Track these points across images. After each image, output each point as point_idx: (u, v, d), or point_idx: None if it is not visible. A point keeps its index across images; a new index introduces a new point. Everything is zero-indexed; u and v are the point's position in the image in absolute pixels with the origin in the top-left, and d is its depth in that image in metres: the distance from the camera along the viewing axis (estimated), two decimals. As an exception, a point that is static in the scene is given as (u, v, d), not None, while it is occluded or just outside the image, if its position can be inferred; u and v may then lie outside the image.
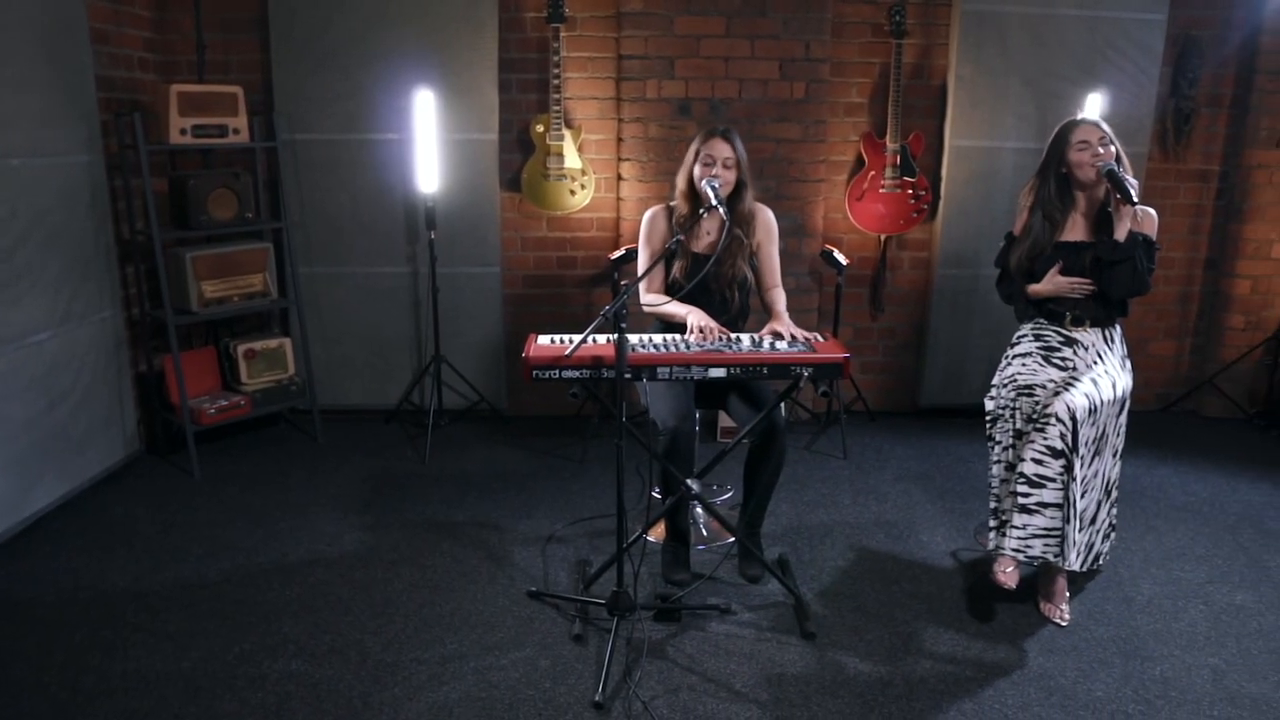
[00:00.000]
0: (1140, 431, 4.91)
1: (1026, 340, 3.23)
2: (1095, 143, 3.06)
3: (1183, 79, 4.95)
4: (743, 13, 4.49)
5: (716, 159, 3.16)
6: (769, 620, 3.04)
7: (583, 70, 4.67)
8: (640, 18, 4.49)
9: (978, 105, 4.71)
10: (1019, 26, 4.65)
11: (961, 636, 2.97)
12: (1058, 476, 2.89)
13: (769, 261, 3.36)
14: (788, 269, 4.66)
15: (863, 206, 4.74)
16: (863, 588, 3.26)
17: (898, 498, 4.04)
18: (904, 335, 5.11)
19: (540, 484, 4.13)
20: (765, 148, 4.61)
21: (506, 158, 4.73)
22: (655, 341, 3.01)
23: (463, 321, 4.84)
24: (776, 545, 3.55)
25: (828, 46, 4.60)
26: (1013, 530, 2.94)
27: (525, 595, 3.16)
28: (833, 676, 2.74)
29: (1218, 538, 3.75)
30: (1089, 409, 2.91)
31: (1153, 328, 5.32)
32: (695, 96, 4.56)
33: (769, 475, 3.18)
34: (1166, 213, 5.12)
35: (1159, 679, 2.77)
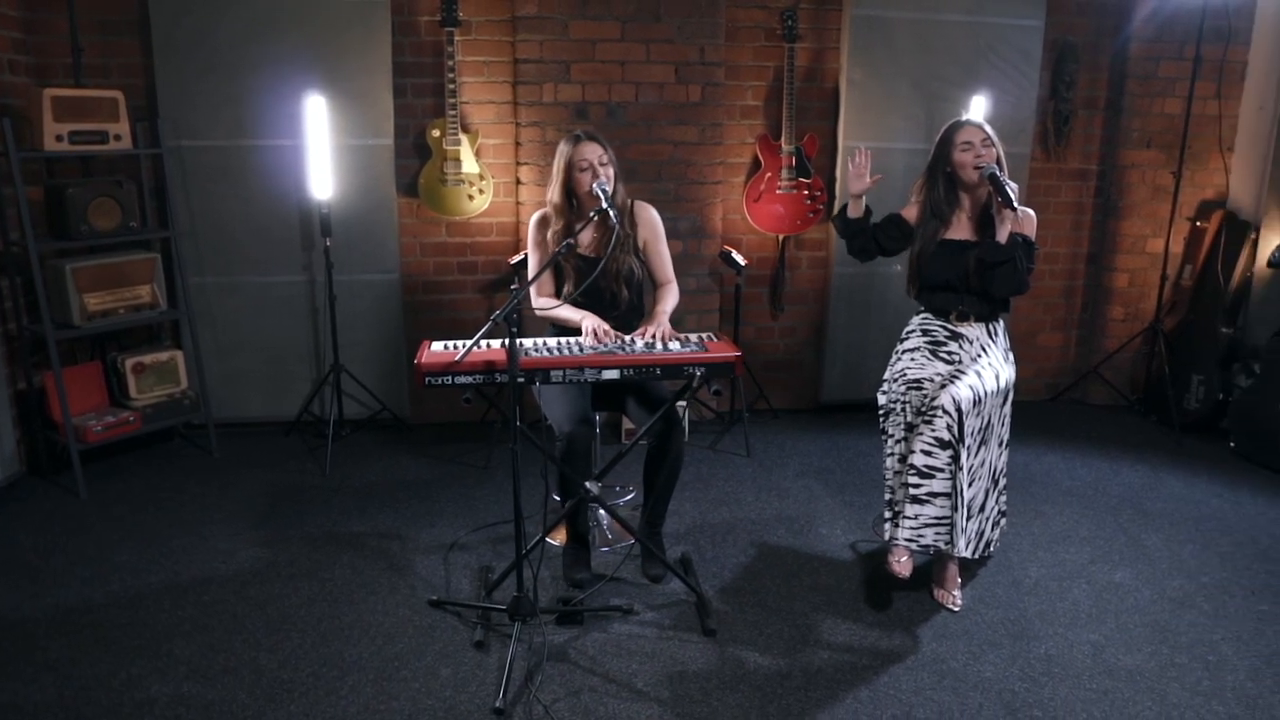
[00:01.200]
0: (1030, 420, 5.12)
1: (915, 336, 3.32)
2: (978, 144, 3.17)
3: (1060, 83, 5.17)
4: (637, 17, 4.52)
5: (593, 161, 3.17)
6: (671, 619, 3.07)
7: (479, 74, 4.64)
8: (535, 21, 4.48)
9: (869, 107, 4.83)
10: (906, 31, 4.79)
11: (858, 626, 3.04)
12: (946, 467, 2.98)
13: (658, 258, 3.39)
14: (688, 270, 4.73)
15: (760, 207, 4.82)
16: (764, 583, 3.31)
17: (799, 493, 4.12)
18: (804, 333, 5.21)
19: (444, 491, 4.09)
20: (663, 150, 4.65)
21: (403, 163, 4.67)
22: (549, 345, 3.01)
23: (362, 329, 4.76)
24: (680, 544, 3.58)
25: (722, 50, 4.67)
26: (905, 520, 3.02)
27: (427, 604, 3.13)
28: (733, 671, 2.77)
29: (1100, 520, 3.91)
30: (973, 400, 3.01)
31: (1040, 320, 5.53)
32: (592, 100, 4.57)
33: (667, 474, 3.21)
34: (1049, 210, 5.33)
35: (1043, 657, 2.88)
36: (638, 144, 4.61)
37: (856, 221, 3.35)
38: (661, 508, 3.33)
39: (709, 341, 3.04)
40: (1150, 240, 5.34)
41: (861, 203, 3.33)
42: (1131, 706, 2.65)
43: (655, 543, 3.33)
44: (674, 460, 3.18)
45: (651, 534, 3.34)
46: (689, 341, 3.04)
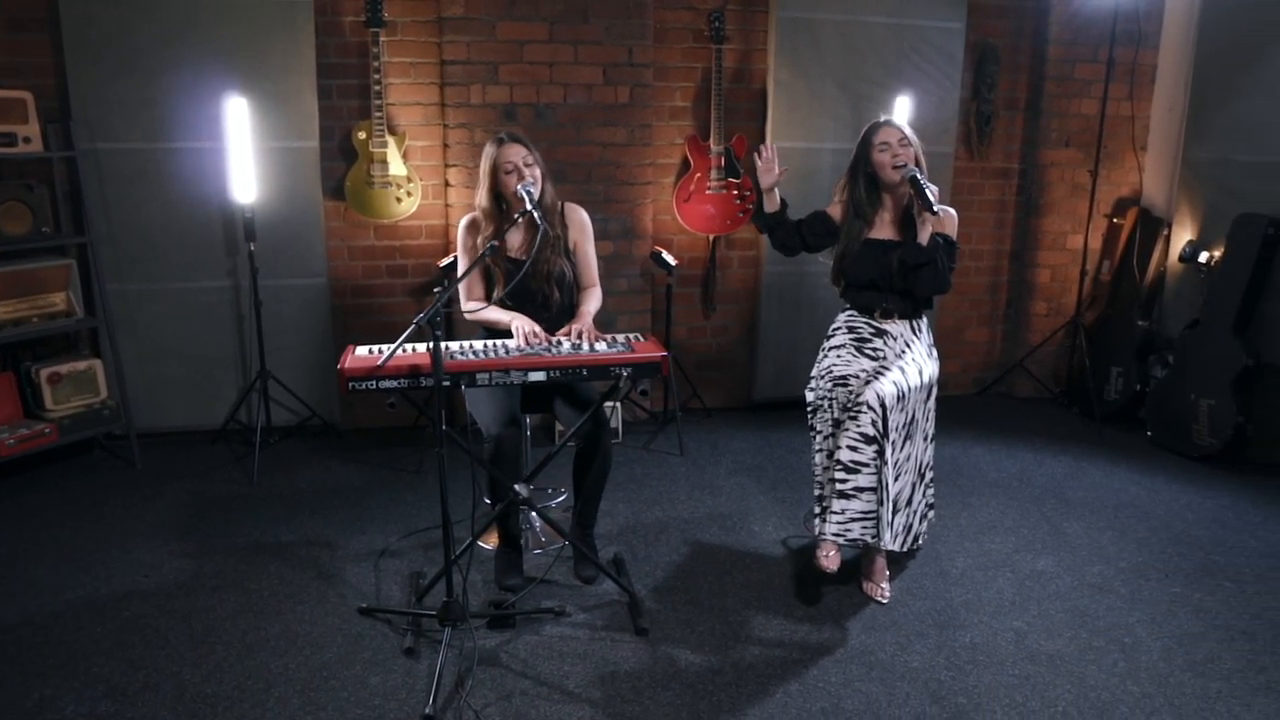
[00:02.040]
0: (958, 414, 5.22)
1: (841, 333, 3.37)
2: (895, 144, 3.23)
3: (982, 83, 5.29)
4: (565, 18, 4.52)
5: (517, 163, 3.16)
6: (603, 619, 3.07)
7: (405, 75, 4.60)
8: (462, 22, 4.45)
9: (796, 108, 4.89)
10: (832, 32, 4.86)
11: (789, 621, 3.07)
12: (871, 461, 3.03)
13: (585, 260, 3.38)
14: (619, 271, 4.74)
15: (690, 208, 4.85)
16: (696, 581, 3.33)
17: (732, 491, 4.15)
18: (736, 332, 5.25)
19: (375, 497, 4.04)
20: (592, 152, 4.65)
21: (329, 165, 4.60)
22: (476, 348, 2.99)
23: (290, 335, 4.68)
24: (613, 544, 3.59)
25: (650, 52, 4.68)
26: (832, 516, 3.07)
27: (356, 612, 3.09)
28: (664, 670, 2.79)
29: (1025, 509, 4.01)
30: (897, 396, 3.06)
31: (967, 316, 5.65)
32: (520, 102, 4.55)
33: (597, 475, 3.21)
34: (974, 208, 5.45)
35: (968, 645, 2.95)
36: (567, 145, 4.60)
37: (773, 215, 3.40)
38: (592, 508, 3.33)
39: (636, 342, 3.05)
40: (1070, 237, 5.49)
41: (775, 195, 3.38)
42: (1051, 690, 2.72)
43: (587, 544, 3.33)
44: (603, 460, 3.18)
45: (583, 535, 3.34)
46: (616, 342, 3.04)
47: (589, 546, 3.33)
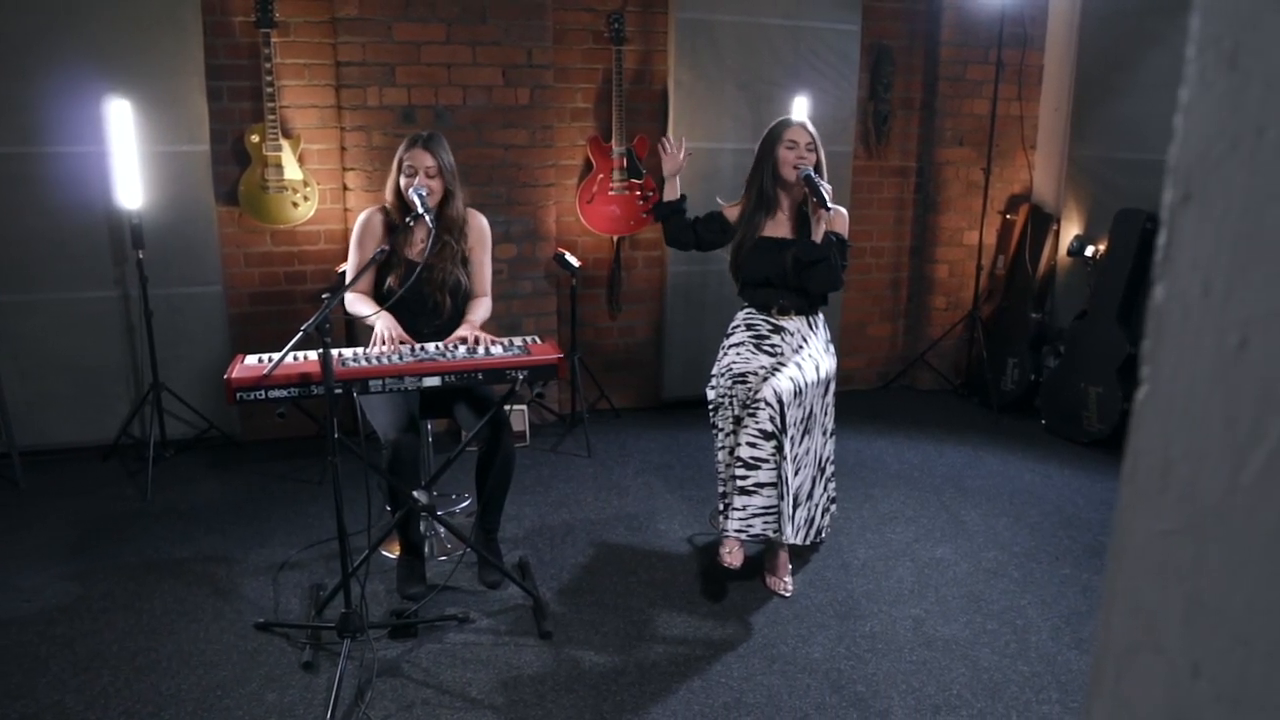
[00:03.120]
0: (863, 408, 5.33)
1: (740, 331, 3.41)
2: (802, 146, 3.27)
3: (879, 84, 5.41)
4: (462, 19, 4.48)
5: (419, 169, 3.12)
6: (507, 624, 3.05)
7: (299, 77, 4.50)
8: (356, 23, 4.37)
9: (697, 108, 4.93)
10: (730, 34, 4.91)
11: (693, 618, 3.10)
12: (770, 457, 3.07)
13: (479, 269, 3.35)
14: (524, 274, 4.71)
15: (594, 209, 4.85)
16: (601, 582, 3.33)
17: (639, 491, 4.16)
18: (643, 332, 5.27)
19: (275, 510, 3.94)
20: (494, 154, 4.62)
21: (222, 170, 4.47)
22: (370, 354, 2.94)
23: (184, 345, 4.54)
24: (519, 548, 3.57)
25: (550, 53, 4.67)
26: (734, 512, 3.10)
27: (253, 628, 3.01)
28: (568, 672, 2.78)
29: (924, 499, 4.11)
30: (794, 391, 3.11)
31: (870, 312, 5.77)
32: (419, 104, 4.50)
33: (499, 479, 3.19)
34: (873, 205, 5.57)
35: (868, 634, 3.01)
36: (468, 148, 4.56)
37: (670, 204, 3.43)
38: (496, 512, 3.31)
39: (532, 345, 3.04)
40: (966, 233, 5.65)
41: (675, 185, 3.40)
42: (947, 674, 2.79)
43: (491, 549, 3.30)
44: (505, 463, 3.16)
45: (487, 540, 3.31)
46: (512, 345, 3.02)
47: (493, 551, 3.30)
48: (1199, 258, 0.47)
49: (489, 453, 3.14)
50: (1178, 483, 0.49)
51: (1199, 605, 0.49)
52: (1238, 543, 0.46)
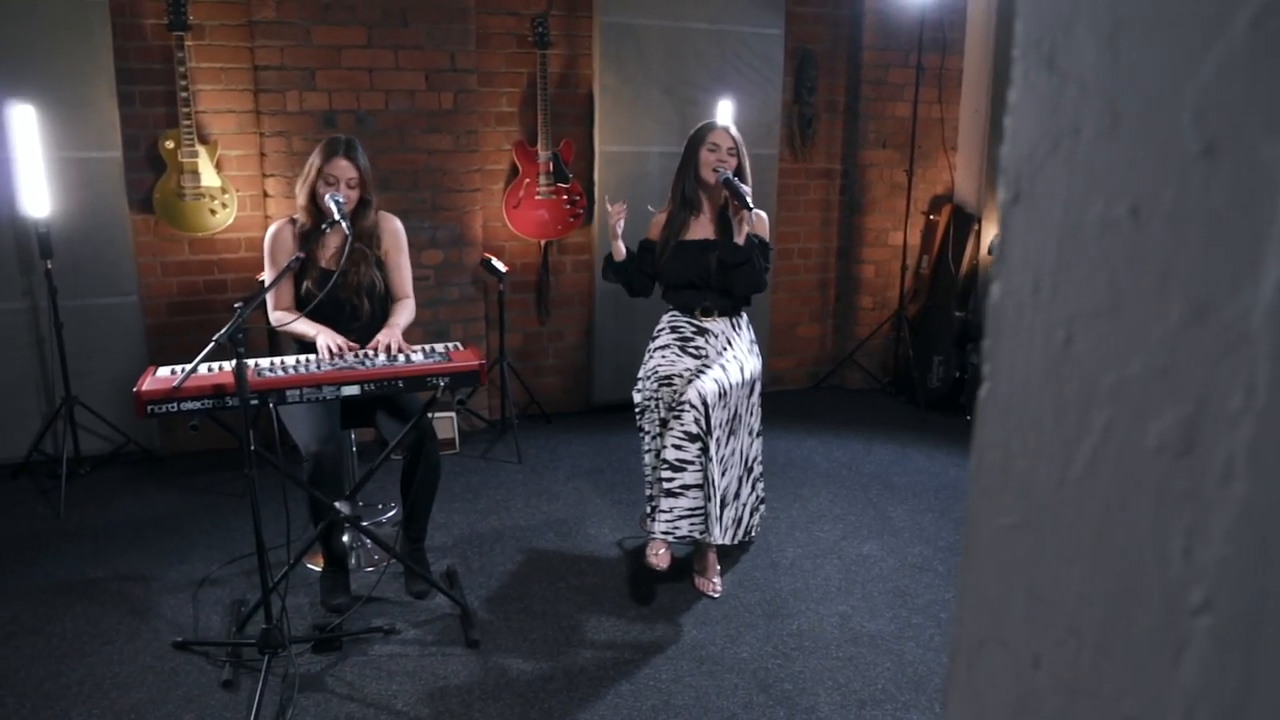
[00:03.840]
0: (793, 408, 5.38)
1: (664, 333, 3.42)
2: (723, 149, 3.29)
3: (803, 88, 5.47)
4: (383, 23, 4.42)
5: (340, 179, 3.08)
6: (434, 634, 3.01)
7: (216, 82, 4.40)
8: (273, 27, 4.29)
9: (622, 112, 4.93)
10: (655, 38, 4.93)
11: (622, 622, 3.09)
12: (696, 459, 3.08)
13: (397, 272, 3.32)
14: (450, 280, 4.67)
15: (520, 214, 4.82)
16: (530, 588, 3.31)
17: (569, 495, 4.14)
18: (573, 337, 5.25)
19: (196, 525, 3.84)
20: (418, 159, 4.57)
21: (135, 177, 4.35)
22: (287, 363, 2.88)
23: (99, 357, 4.40)
24: (447, 557, 3.53)
25: (473, 57, 4.64)
26: (661, 514, 3.10)
27: (171, 647, 2.92)
28: (495, 680, 2.75)
29: (852, 497, 4.16)
30: (719, 393, 3.13)
31: (799, 313, 5.83)
32: (340, 108, 4.43)
33: (424, 487, 3.15)
34: (800, 207, 5.63)
35: (795, 632, 3.03)
36: (391, 153, 4.51)
37: (623, 263, 3.44)
38: (421, 521, 3.27)
39: (454, 351, 3.01)
40: (891, 233, 5.74)
41: (620, 245, 3.41)
42: (873, 669, 2.83)
43: (417, 558, 3.26)
44: (429, 472, 3.12)
45: (413, 549, 3.27)
46: (433, 352, 2.99)
47: (420, 561, 3.26)
48: (1029, 256, 0.48)
49: (413, 461, 3.10)
50: (1016, 477, 0.50)
51: (1038, 598, 0.49)
52: (1068, 535, 0.47)
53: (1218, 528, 0.40)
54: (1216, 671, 0.40)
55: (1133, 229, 0.42)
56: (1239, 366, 0.38)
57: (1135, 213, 0.42)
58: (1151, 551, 0.43)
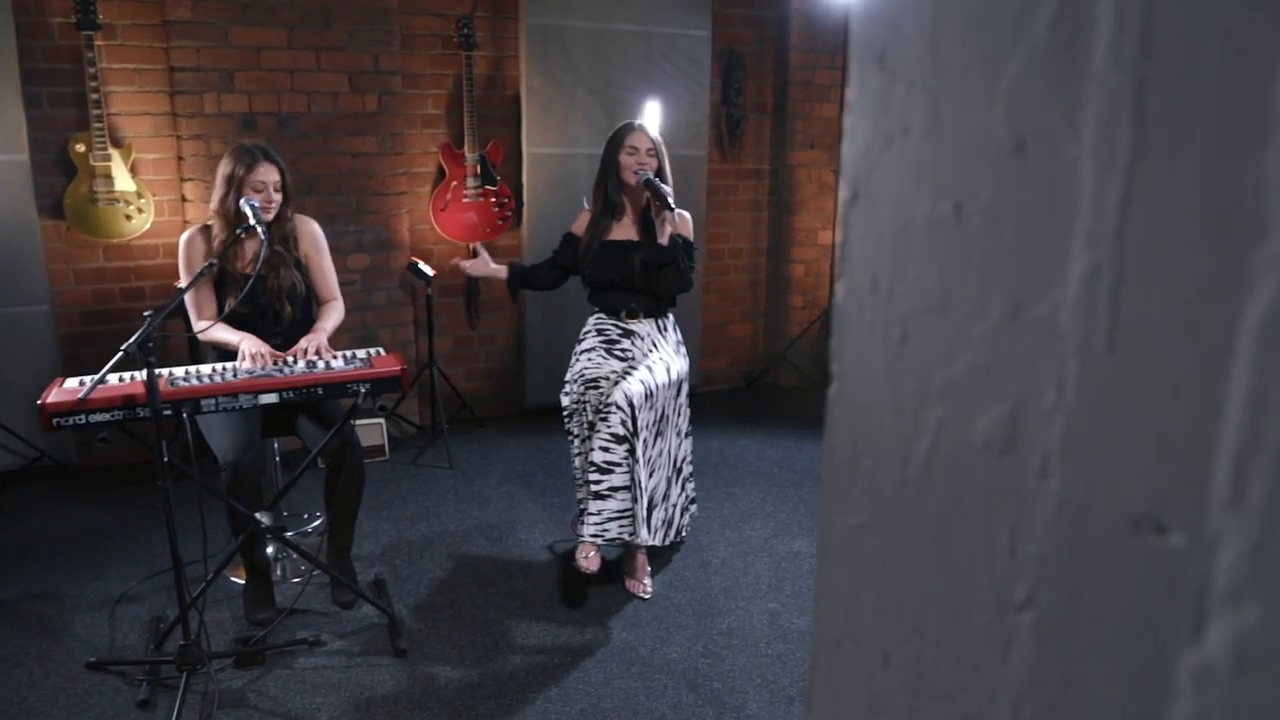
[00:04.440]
0: (726, 407, 5.41)
1: (591, 336, 3.41)
2: (643, 152, 3.29)
3: (731, 89, 5.50)
4: (304, 24, 4.34)
5: (267, 184, 3.01)
6: (361, 645, 2.96)
7: (129, 83, 4.27)
8: (189, 27, 4.19)
9: (550, 114, 4.91)
10: (581, 40, 4.91)
11: (552, 626, 3.07)
12: (623, 460, 3.07)
13: (320, 274, 3.26)
14: (377, 284, 4.60)
15: (448, 216, 4.77)
16: (459, 595, 3.28)
17: (500, 500, 4.11)
18: (504, 340, 5.22)
19: (114, 540, 3.73)
20: (342, 162, 4.49)
21: (45, 181, 4.20)
22: (203, 372, 2.81)
23: (9, 369, 4.24)
24: (375, 565, 3.47)
25: (398, 59, 4.58)
26: (589, 517, 3.09)
27: (84, 668, 2.83)
28: (423, 690, 2.72)
29: (784, 494, 4.20)
30: (645, 394, 3.12)
31: (730, 312, 5.86)
32: (260, 110, 4.34)
33: (347, 495, 3.10)
34: (730, 208, 5.67)
35: (725, 631, 3.04)
36: (314, 156, 4.43)
37: (516, 277, 3.52)
38: (347, 530, 3.21)
39: (376, 357, 2.96)
40: (820, 233, 5.80)
41: (496, 268, 3.51)
42: (802, 665, 2.85)
43: (344, 568, 3.20)
44: (352, 480, 3.07)
45: (339, 559, 3.21)
46: (354, 358, 2.94)
47: (346, 570, 3.21)
48: (867, 255, 0.48)
49: (335, 470, 3.05)
50: (863, 476, 0.50)
51: (885, 596, 0.50)
52: (910, 534, 0.47)
53: (1037, 524, 0.40)
54: (1040, 666, 0.40)
55: (956, 227, 0.42)
56: (1051, 363, 0.38)
57: (958, 210, 0.42)
58: (982, 549, 0.43)
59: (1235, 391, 0.32)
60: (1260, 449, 0.31)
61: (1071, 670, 0.39)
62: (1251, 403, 0.31)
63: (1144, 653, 0.36)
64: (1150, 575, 0.35)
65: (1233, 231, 0.31)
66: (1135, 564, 0.36)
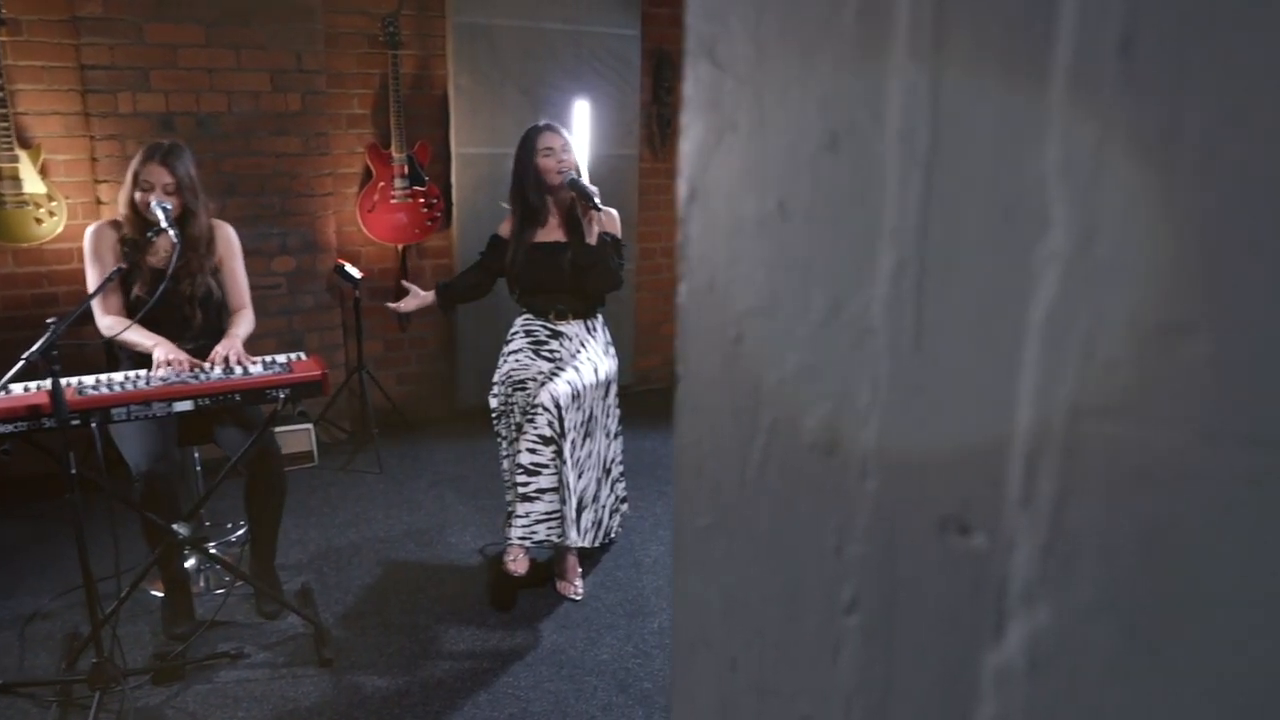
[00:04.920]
0: (660, 407, 5.39)
1: (518, 337, 3.38)
2: (558, 150, 3.27)
3: (661, 88, 5.51)
4: (223, 21, 4.23)
5: (155, 184, 2.92)
6: (285, 656, 2.90)
7: (38, 81, 4.12)
8: (101, 23, 4.06)
9: (478, 113, 4.86)
10: (509, 38, 4.87)
11: (481, 630, 3.04)
12: (550, 462, 3.05)
13: (232, 280, 3.18)
14: (303, 288, 4.52)
15: (375, 218, 4.70)
16: (388, 602, 3.23)
17: (431, 504, 4.06)
18: (435, 342, 5.15)
19: (27, 555, 3.60)
20: (265, 163, 4.40)
21: (-51, 184, 4.04)
22: (115, 380, 2.72)
23: (-86, 380, 4.07)
24: (302, 574, 3.40)
25: (321, 57, 4.49)
26: (517, 519, 3.07)
27: (-9, 690, 2.73)
28: (349, 700, 2.67)
29: (717, 493, 4.20)
30: (572, 395, 3.11)
31: (663, 311, 5.86)
32: (178, 110, 4.22)
33: (267, 504, 3.03)
34: (661, 207, 5.67)
35: (657, 630, 3.04)
36: (235, 157, 4.33)
37: (447, 292, 3.48)
38: (269, 539, 3.14)
39: (295, 362, 2.90)
40: (752, 232, 5.83)
41: (429, 295, 3.47)
42: (732, 663, 2.85)
43: (267, 578, 3.13)
44: (273, 488, 3.01)
45: (262, 569, 3.14)
46: (273, 363, 2.87)
47: (270, 580, 3.13)
48: (704, 254, 0.47)
49: (254, 478, 2.98)
50: (709, 478, 0.49)
51: (732, 599, 0.49)
52: (750, 535, 0.46)
53: (859, 526, 0.39)
54: (867, 668, 0.40)
55: (780, 225, 0.42)
56: (866, 362, 0.38)
57: (782, 208, 0.42)
58: (813, 551, 0.42)
59: (1024, 389, 0.31)
60: (1047, 447, 0.31)
61: (894, 671, 0.39)
62: (1038, 401, 0.31)
63: (955, 654, 0.35)
64: (957, 576, 0.35)
65: (1019, 227, 0.31)
66: (944, 565, 0.35)
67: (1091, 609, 0.30)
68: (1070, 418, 0.30)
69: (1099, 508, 0.30)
